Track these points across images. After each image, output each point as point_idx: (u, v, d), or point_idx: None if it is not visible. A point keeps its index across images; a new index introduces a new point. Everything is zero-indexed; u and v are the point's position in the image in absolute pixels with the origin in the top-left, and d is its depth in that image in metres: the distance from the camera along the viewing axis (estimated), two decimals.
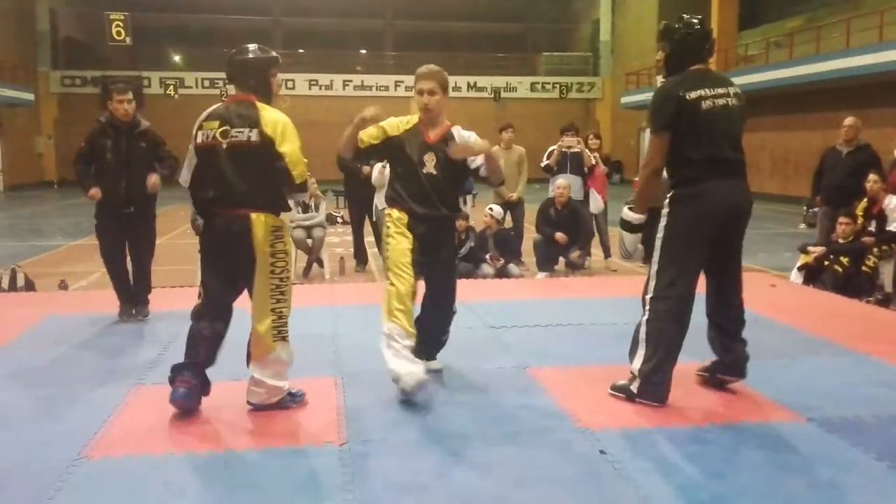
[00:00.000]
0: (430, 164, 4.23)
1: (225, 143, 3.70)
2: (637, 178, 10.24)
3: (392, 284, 4.07)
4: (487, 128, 9.27)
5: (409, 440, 3.56)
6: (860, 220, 7.63)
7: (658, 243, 3.90)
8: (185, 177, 3.91)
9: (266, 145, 3.68)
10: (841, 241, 7.64)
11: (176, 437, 3.60)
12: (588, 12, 33.55)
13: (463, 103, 29.21)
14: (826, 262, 7.58)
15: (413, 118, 4.37)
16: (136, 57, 29.96)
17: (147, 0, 29.48)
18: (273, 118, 3.73)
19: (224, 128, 3.71)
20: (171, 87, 29.28)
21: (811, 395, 4.09)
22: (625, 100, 28.44)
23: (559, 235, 8.64)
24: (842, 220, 7.66)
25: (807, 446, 3.48)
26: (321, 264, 9.01)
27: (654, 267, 3.93)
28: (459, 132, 4.37)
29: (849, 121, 8.21)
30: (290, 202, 3.94)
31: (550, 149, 9.26)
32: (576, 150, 9.10)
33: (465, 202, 10.25)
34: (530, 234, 9.45)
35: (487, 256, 8.67)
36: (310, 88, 30.89)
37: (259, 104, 3.75)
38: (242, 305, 3.91)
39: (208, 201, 3.79)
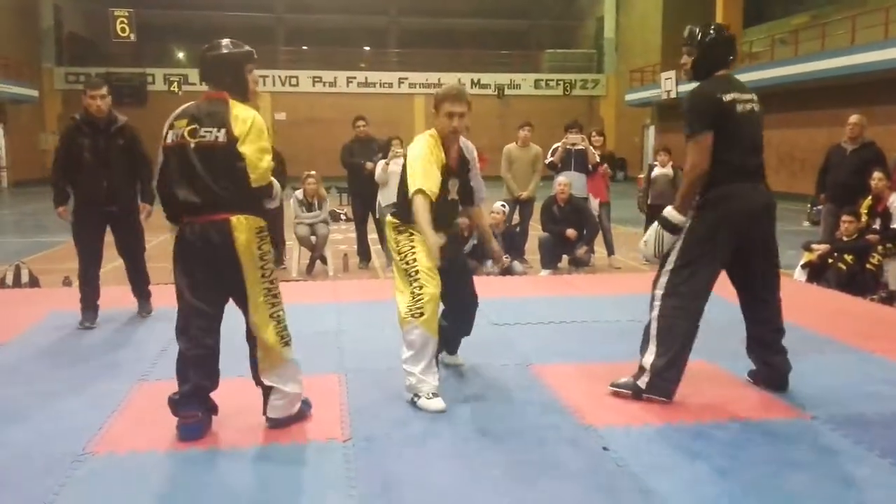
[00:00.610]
0: (453, 190, 4.17)
1: (193, 142, 3.42)
2: (641, 177, 10.22)
3: (422, 287, 3.93)
4: (491, 125, 9.32)
5: (413, 437, 3.55)
6: (864, 218, 7.62)
7: (680, 242, 3.88)
8: (155, 175, 3.66)
9: (232, 144, 3.41)
10: (845, 238, 7.63)
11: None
12: (592, 9, 33.50)
13: None
14: (830, 260, 7.57)
15: (437, 139, 4.14)
16: (139, 53, 30.00)
17: None
18: (242, 116, 3.45)
19: (192, 126, 3.44)
20: (175, 83, 29.30)
21: (815, 392, 4.09)
22: (629, 97, 28.41)
23: (570, 232, 8.62)
24: (846, 217, 7.64)
25: (811, 443, 3.48)
26: (325, 261, 9.01)
27: (671, 265, 3.90)
28: (466, 144, 4.34)
29: (854, 118, 8.18)
30: (271, 203, 3.66)
31: (555, 146, 9.26)
32: (580, 147, 9.09)
33: None
34: (534, 233, 9.44)
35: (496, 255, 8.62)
36: (313, 85, 30.89)
37: (232, 102, 3.49)
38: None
39: (180, 206, 3.48)
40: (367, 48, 35.10)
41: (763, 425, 3.67)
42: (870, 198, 7.64)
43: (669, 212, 3.92)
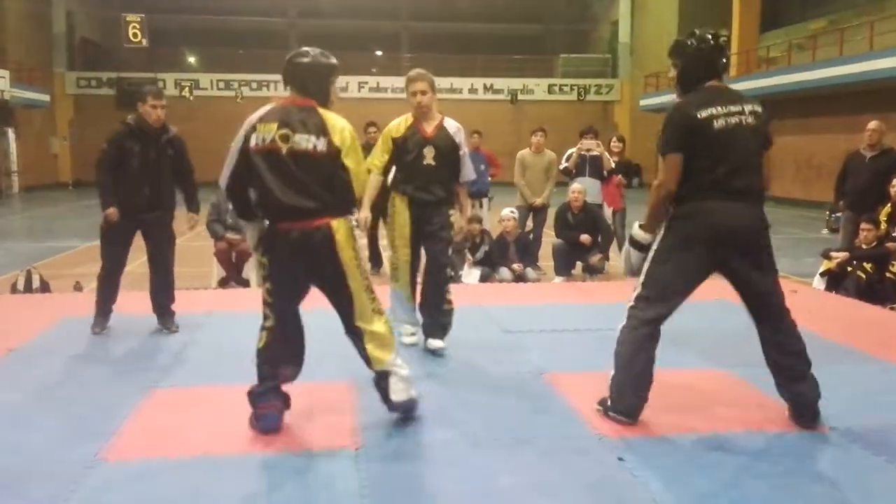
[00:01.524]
0: (429, 156, 4.90)
1: (285, 147, 3.48)
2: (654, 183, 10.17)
3: (394, 252, 5.06)
4: (503, 130, 9.30)
5: (424, 445, 3.53)
6: (883, 226, 7.53)
7: (649, 257, 3.78)
8: (223, 176, 3.69)
9: (333, 155, 3.51)
10: (864, 246, 7.54)
11: (191, 440, 3.58)
12: (607, 13, 33.43)
13: (479, 105, 29.24)
14: (849, 268, 7.48)
15: (408, 117, 5.02)
16: (151, 58, 30.14)
17: (162, 2, 29.69)
18: (339, 126, 3.56)
19: (284, 131, 3.49)
20: (187, 88, 29.45)
21: (833, 403, 4.01)
22: (644, 102, 28.31)
23: (584, 237, 8.56)
24: (865, 225, 7.55)
25: (829, 455, 3.44)
26: None
27: (641, 278, 3.82)
28: (449, 122, 5.04)
29: (872, 125, 8.10)
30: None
31: (569, 152, 9.19)
32: (595, 153, 9.03)
33: (481, 205, 10.20)
34: (548, 239, 9.39)
35: (514, 265, 8.57)
36: None
37: (323, 110, 3.59)
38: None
39: (274, 211, 3.54)
40: (379, 53, 35.17)
41: (780, 436, 3.63)
42: (889, 205, 7.56)
43: (636, 230, 3.87)
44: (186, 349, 5.14)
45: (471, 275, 8.31)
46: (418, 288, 5.18)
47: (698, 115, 3.59)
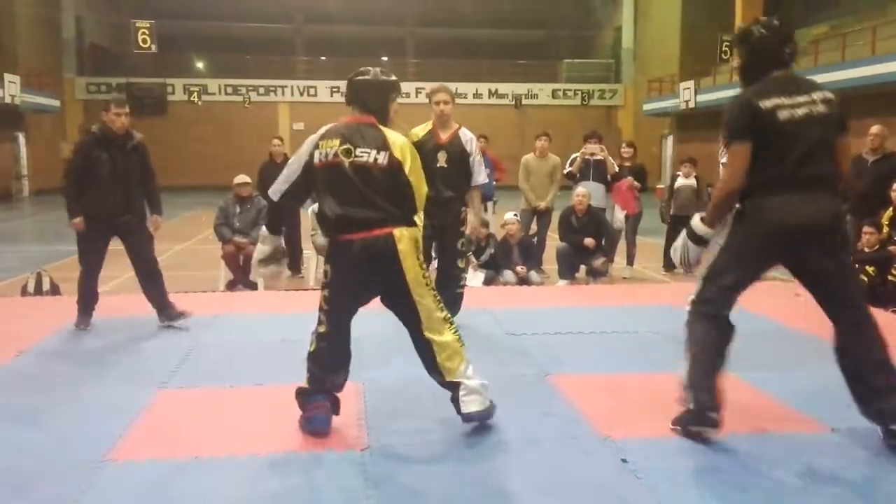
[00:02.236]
0: (441, 159, 5.52)
1: (348, 161, 3.55)
2: (660, 187, 10.17)
3: None
4: (508, 135, 9.36)
5: (430, 446, 3.56)
6: (885, 230, 7.54)
7: (714, 252, 3.65)
8: (278, 189, 3.77)
9: (394, 168, 3.57)
10: (866, 250, 7.56)
11: (199, 441, 3.62)
12: (610, 19, 33.46)
13: (484, 110, 29.28)
14: None
15: (429, 124, 5.69)
16: (159, 64, 30.28)
17: (171, 7, 29.81)
18: (400, 142, 3.62)
19: (346, 146, 3.56)
20: (195, 93, 29.56)
21: (836, 404, 4.02)
22: (647, 107, 28.32)
23: (588, 240, 8.60)
24: (867, 229, 7.57)
25: (831, 456, 3.45)
26: None
27: (703, 272, 3.65)
28: (465, 132, 5.68)
29: (875, 129, 8.12)
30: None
31: (573, 156, 9.24)
32: (599, 157, 9.07)
33: (486, 209, 10.24)
34: (552, 242, 9.43)
35: (517, 268, 8.60)
36: (332, 96, 30.93)
37: (382, 127, 3.66)
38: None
39: (335, 224, 3.60)
40: (385, 58, 35.21)
41: (783, 438, 3.64)
42: (891, 209, 7.57)
43: (696, 222, 3.69)
44: (194, 351, 5.19)
45: (475, 277, 8.35)
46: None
47: (762, 106, 3.43)
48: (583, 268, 8.89)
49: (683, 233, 3.77)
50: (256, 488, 3.15)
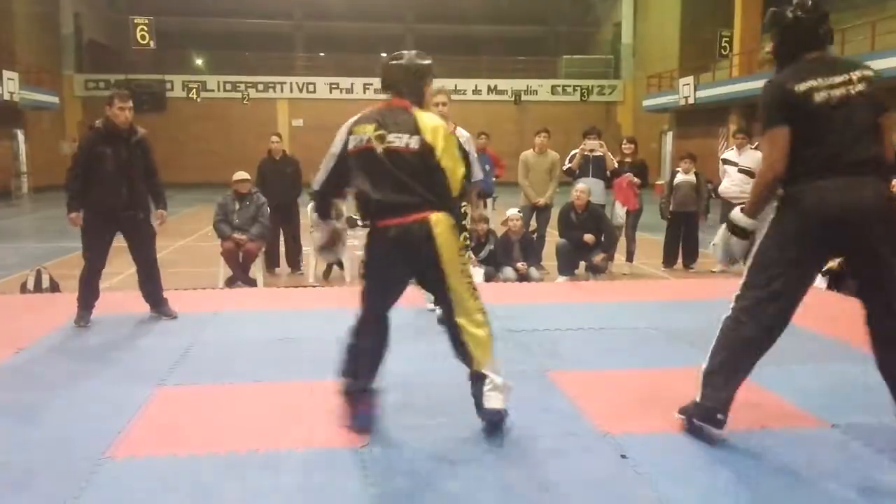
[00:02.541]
0: None
1: (381, 147, 3.52)
2: (660, 183, 10.17)
3: None
4: (507, 131, 9.37)
5: (429, 443, 3.55)
6: None
7: (757, 244, 3.48)
8: (318, 179, 3.79)
9: (426, 153, 3.51)
10: None
11: (198, 438, 3.62)
12: (610, 15, 33.44)
13: (483, 106, 29.28)
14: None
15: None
16: (158, 60, 30.24)
17: (170, 4, 29.77)
18: (431, 124, 3.56)
19: (380, 132, 3.54)
20: (194, 90, 29.53)
21: (836, 400, 4.05)
22: (646, 103, 28.30)
23: (588, 236, 8.60)
24: None
25: (832, 453, 3.45)
26: (341, 267, 9.03)
27: (746, 268, 3.51)
28: (461, 132, 5.68)
29: None
30: None
31: (573, 152, 9.24)
32: (598, 153, 9.07)
33: (485, 205, 10.25)
34: (551, 239, 9.43)
35: (518, 265, 8.61)
36: (330, 92, 31.03)
37: (416, 110, 3.62)
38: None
39: (373, 209, 3.56)
40: (384, 55, 35.05)
41: (783, 434, 3.64)
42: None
43: (737, 214, 3.54)
44: (193, 348, 5.19)
45: (475, 274, 8.34)
46: None
47: (795, 90, 3.29)
48: (582, 264, 8.89)
49: (723, 227, 3.61)
50: (256, 485, 3.15)
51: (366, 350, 3.67)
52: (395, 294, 3.71)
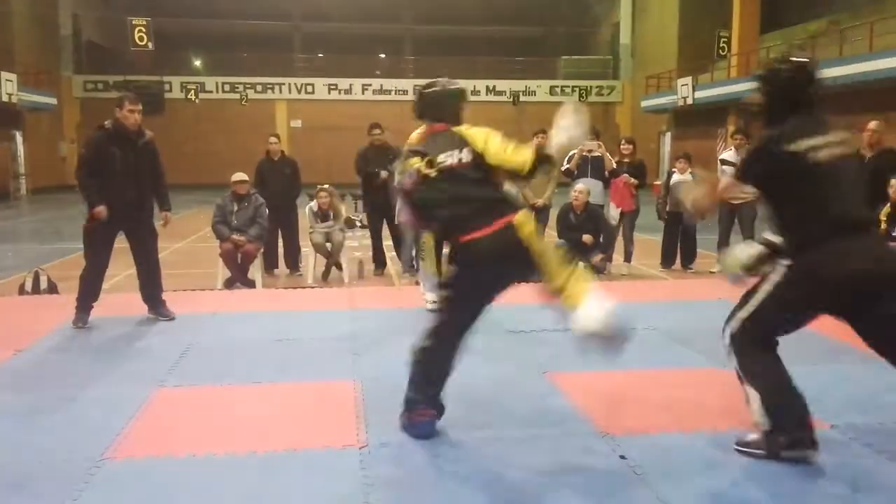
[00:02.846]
0: None
1: (434, 171, 3.56)
2: (657, 183, 10.17)
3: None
4: (506, 131, 9.25)
5: (428, 443, 3.55)
6: (884, 226, 7.54)
7: (765, 291, 3.32)
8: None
9: (478, 160, 3.56)
10: None
11: (197, 439, 3.63)
12: (608, 15, 33.45)
13: (482, 107, 29.21)
14: None
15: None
16: (156, 61, 30.23)
17: (168, 5, 29.77)
18: (473, 133, 3.63)
19: (428, 159, 3.59)
20: (192, 91, 29.51)
21: (835, 401, 4.05)
22: (645, 103, 28.32)
23: (586, 237, 8.59)
24: None
25: (830, 453, 3.44)
26: (340, 268, 9.03)
27: (752, 306, 3.37)
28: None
29: (872, 125, 8.11)
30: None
31: (571, 153, 9.23)
32: (596, 153, 9.07)
33: None
34: (549, 240, 9.41)
35: None
36: (329, 93, 31.04)
37: (453, 128, 3.68)
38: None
39: (450, 228, 3.58)
40: (383, 55, 35.20)
41: None
42: (889, 205, 7.57)
43: (689, 195, 3.61)
44: (192, 349, 5.19)
45: None
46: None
47: (793, 149, 3.16)
48: (582, 265, 8.88)
49: (741, 246, 3.65)
50: (255, 486, 3.15)
51: (440, 361, 3.62)
52: (479, 310, 3.65)
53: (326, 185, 9.21)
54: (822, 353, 4.65)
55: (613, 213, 9.31)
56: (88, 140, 5.84)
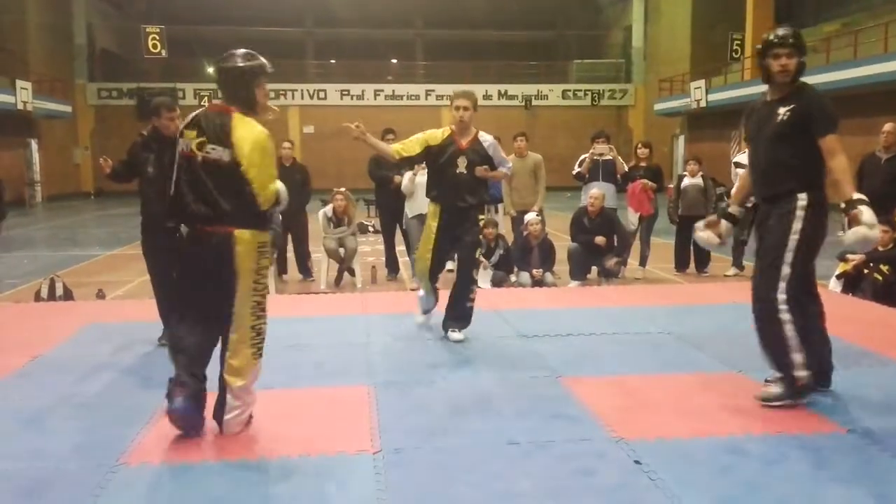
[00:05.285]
0: (461, 165, 5.40)
1: (200, 156, 3.53)
2: (671, 187, 10.15)
3: (419, 257, 5.70)
4: (518, 135, 9.32)
5: (442, 449, 3.55)
6: None
7: (793, 244, 3.91)
8: None
9: (234, 167, 3.50)
10: (880, 248, 7.49)
11: (211, 445, 3.63)
12: (620, 19, 33.41)
13: (494, 111, 29.24)
14: (865, 271, 7.44)
15: (448, 129, 5.55)
16: (170, 68, 30.44)
17: (180, 12, 29.97)
18: (243, 136, 3.51)
19: (201, 139, 3.53)
20: (206, 98, 29.62)
21: (851, 405, 4.02)
22: (658, 107, 28.25)
23: (599, 238, 8.56)
24: (881, 227, 7.50)
25: (847, 458, 3.42)
26: (353, 273, 9.05)
27: (787, 268, 3.92)
28: (484, 136, 5.59)
29: (888, 127, 8.06)
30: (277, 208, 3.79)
31: (582, 157, 9.21)
32: (608, 157, 9.04)
33: (495, 210, 10.23)
34: (561, 243, 9.40)
35: (533, 270, 8.59)
36: (341, 98, 31.13)
37: (236, 117, 3.55)
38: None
39: (187, 215, 3.59)
40: (395, 61, 35.30)
41: (797, 439, 3.62)
42: None
43: (866, 212, 3.86)
44: None
45: (483, 277, 8.33)
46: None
47: None
48: (594, 269, 8.86)
49: (856, 230, 3.82)
50: (268, 492, 3.15)
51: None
52: (197, 297, 3.70)
53: (343, 189, 9.23)
54: (837, 356, 4.61)
55: (632, 218, 9.27)
56: (129, 148, 5.79)
